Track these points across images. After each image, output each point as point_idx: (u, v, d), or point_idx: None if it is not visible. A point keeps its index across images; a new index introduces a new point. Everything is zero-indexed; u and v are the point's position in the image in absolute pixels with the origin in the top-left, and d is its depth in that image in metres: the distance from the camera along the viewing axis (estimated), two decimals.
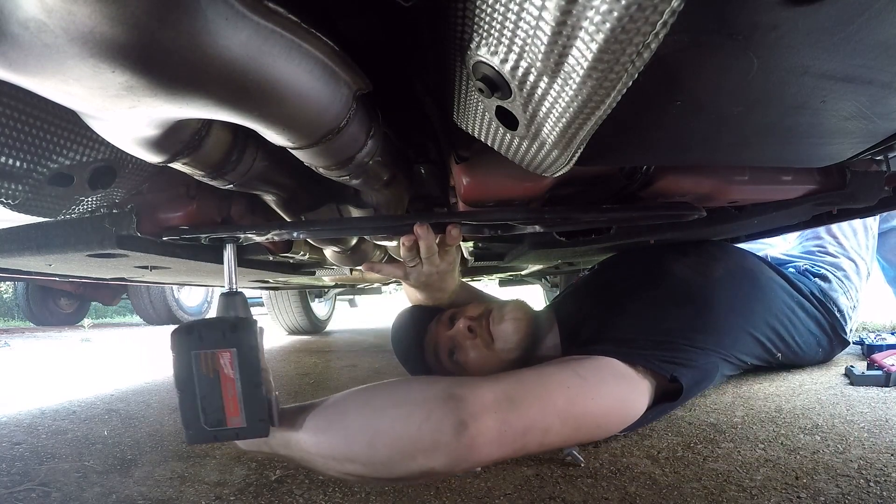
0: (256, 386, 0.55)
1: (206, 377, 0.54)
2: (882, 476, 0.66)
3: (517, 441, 0.61)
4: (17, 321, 6.18)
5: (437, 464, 0.57)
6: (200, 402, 0.54)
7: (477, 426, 0.58)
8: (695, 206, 0.68)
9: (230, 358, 0.54)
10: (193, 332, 0.55)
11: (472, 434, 0.57)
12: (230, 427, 0.55)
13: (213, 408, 0.54)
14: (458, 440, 0.57)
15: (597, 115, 0.32)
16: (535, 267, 1.91)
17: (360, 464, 0.58)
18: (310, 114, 0.40)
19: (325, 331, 3.47)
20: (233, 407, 0.54)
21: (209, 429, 0.55)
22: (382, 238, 0.92)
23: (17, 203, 0.44)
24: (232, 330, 0.55)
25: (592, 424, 0.71)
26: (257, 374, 0.55)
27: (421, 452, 0.57)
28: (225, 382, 0.54)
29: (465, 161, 0.61)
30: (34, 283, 4.52)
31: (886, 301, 1.94)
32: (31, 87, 0.28)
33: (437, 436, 0.57)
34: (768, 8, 0.29)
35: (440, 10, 0.33)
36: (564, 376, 0.71)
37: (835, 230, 1.44)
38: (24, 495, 0.70)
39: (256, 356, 0.55)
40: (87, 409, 1.23)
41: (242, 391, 0.54)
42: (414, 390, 0.63)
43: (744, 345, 1.00)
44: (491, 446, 0.59)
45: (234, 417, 0.55)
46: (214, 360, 0.54)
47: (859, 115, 0.43)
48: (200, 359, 0.54)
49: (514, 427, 0.61)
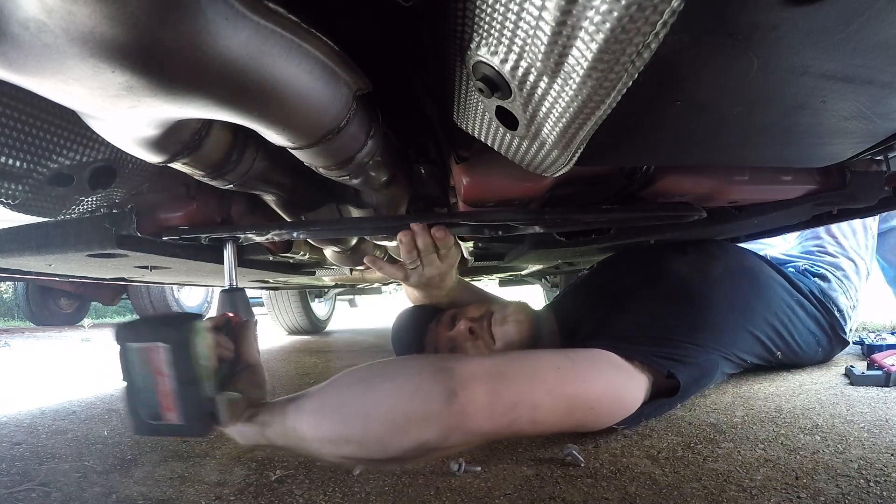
0: (191, 383, 0.54)
1: (141, 370, 0.54)
2: (882, 476, 0.66)
3: (507, 414, 0.62)
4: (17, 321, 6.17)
5: (430, 435, 0.58)
6: (137, 394, 0.54)
7: (466, 394, 0.59)
8: (695, 207, 0.68)
9: (161, 352, 0.54)
10: (130, 326, 0.55)
11: (463, 402, 0.59)
12: (167, 423, 0.55)
13: (149, 402, 0.54)
14: (448, 408, 0.58)
15: (597, 115, 0.32)
16: (535, 267, 1.91)
17: (355, 443, 0.58)
18: (310, 114, 0.40)
19: (325, 331, 3.47)
20: (167, 402, 0.54)
21: (149, 421, 0.55)
22: (382, 238, 0.92)
23: (17, 203, 0.44)
24: (165, 325, 0.55)
25: (585, 406, 0.71)
26: (192, 371, 0.54)
27: (413, 424, 0.58)
28: (158, 377, 0.54)
29: (465, 161, 0.61)
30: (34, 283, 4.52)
31: (886, 301, 1.94)
32: (31, 86, 0.28)
33: (428, 405, 0.58)
34: (768, 8, 0.29)
35: (440, 10, 0.34)
36: (555, 358, 0.72)
37: (834, 230, 1.44)
38: (24, 495, 0.70)
39: (190, 353, 0.54)
40: (87, 409, 1.23)
41: (177, 387, 0.54)
42: (405, 366, 0.65)
43: (744, 343, 1.01)
44: (482, 416, 0.60)
45: (170, 412, 0.54)
46: (147, 353, 0.54)
47: (859, 115, 0.43)
48: (134, 352, 0.54)
49: (504, 399, 0.62)
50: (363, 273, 1.54)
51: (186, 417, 0.54)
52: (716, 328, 0.92)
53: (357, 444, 0.58)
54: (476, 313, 0.94)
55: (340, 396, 0.61)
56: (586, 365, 0.73)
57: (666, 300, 0.92)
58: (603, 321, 0.90)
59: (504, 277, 2.67)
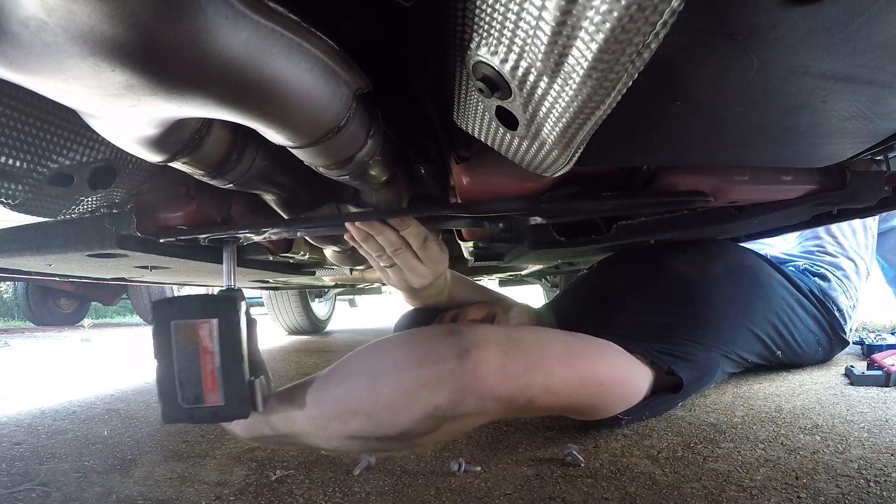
0: (237, 362, 0.53)
1: (185, 349, 0.52)
2: (882, 476, 0.66)
3: (521, 377, 0.60)
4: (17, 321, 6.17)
5: (442, 398, 0.55)
6: (178, 375, 0.52)
7: (479, 352, 0.57)
8: (702, 192, 0.67)
9: (210, 329, 0.53)
10: (175, 302, 0.54)
11: (475, 360, 0.57)
12: (207, 405, 0.53)
13: (191, 382, 0.52)
14: (461, 366, 0.56)
15: (597, 115, 0.32)
16: (535, 267, 1.91)
17: (362, 415, 0.56)
18: (310, 113, 0.40)
19: (325, 331, 3.47)
20: (211, 382, 0.52)
21: (186, 406, 0.53)
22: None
23: (17, 203, 0.44)
24: (213, 302, 0.54)
25: (595, 381, 0.70)
26: (238, 348, 0.53)
27: (424, 388, 0.55)
28: (204, 355, 0.52)
29: (465, 161, 0.61)
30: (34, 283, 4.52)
31: (886, 301, 1.94)
32: (31, 85, 0.28)
33: (439, 366, 0.56)
34: (768, 8, 0.29)
35: (440, 10, 0.34)
36: (563, 335, 0.71)
37: (834, 230, 1.44)
38: (24, 495, 0.70)
39: (238, 330, 0.53)
40: (87, 409, 1.23)
41: (222, 366, 0.52)
42: (414, 334, 0.63)
43: (744, 341, 1.01)
44: (495, 377, 0.58)
45: (213, 394, 0.53)
46: (194, 330, 0.53)
47: (859, 115, 0.43)
48: (180, 329, 0.53)
49: (517, 361, 0.60)
50: (363, 273, 1.53)
51: (230, 398, 0.53)
52: (716, 326, 0.92)
53: (365, 415, 0.56)
54: (478, 315, 0.93)
55: (347, 369, 0.59)
56: (593, 344, 0.73)
57: (666, 299, 0.92)
58: (603, 319, 0.90)
59: (504, 277, 2.67)
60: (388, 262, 0.79)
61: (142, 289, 4.47)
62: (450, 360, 0.56)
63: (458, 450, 0.83)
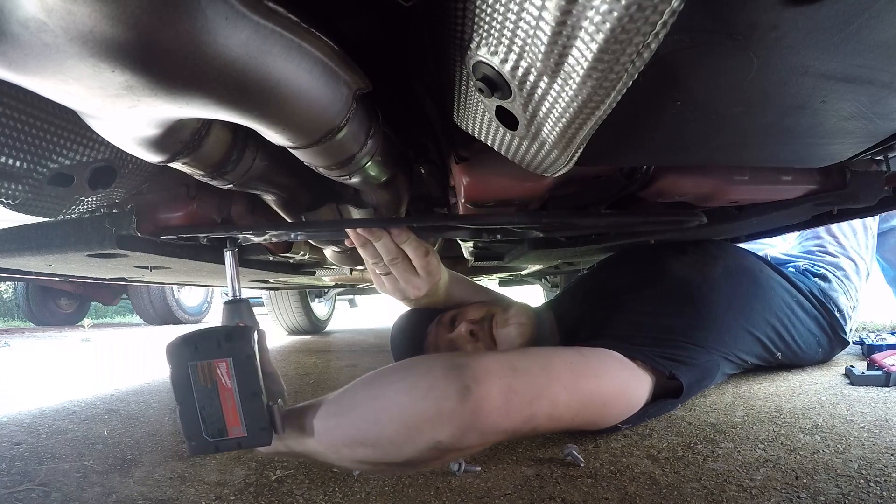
0: (255, 395, 0.55)
1: (205, 388, 0.54)
2: (882, 476, 0.66)
3: (524, 410, 0.60)
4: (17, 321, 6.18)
5: (444, 435, 0.55)
6: (200, 413, 0.54)
7: (480, 390, 0.56)
8: (695, 213, 0.68)
9: (226, 368, 0.54)
10: (189, 343, 0.55)
11: (477, 398, 0.56)
12: (231, 437, 0.55)
13: (214, 418, 0.54)
14: (462, 405, 0.55)
15: (597, 115, 0.32)
16: (535, 267, 1.91)
17: (369, 446, 0.57)
18: (310, 113, 0.40)
19: (325, 331, 3.47)
20: (233, 417, 0.54)
21: (211, 439, 0.55)
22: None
23: (17, 203, 0.44)
24: (227, 339, 0.55)
25: (598, 403, 0.70)
26: (256, 382, 0.55)
27: (426, 423, 0.56)
28: (223, 393, 0.54)
29: (465, 161, 0.61)
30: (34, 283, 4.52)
31: (886, 301, 1.94)
32: (31, 86, 0.28)
33: (441, 403, 0.56)
34: (768, 8, 0.29)
35: (440, 10, 0.34)
36: (568, 355, 0.71)
37: (835, 230, 1.44)
38: (24, 495, 0.70)
39: (254, 364, 0.55)
40: (87, 409, 1.23)
41: (241, 401, 0.54)
42: (417, 365, 0.63)
43: (744, 343, 1.00)
44: (498, 413, 0.57)
45: (235, 427, 0.55)
46: (211, 370, 0.54)
47: (859, 115, 0.43)
48: (197, 370, 0.54)
49: (521, 394, 0.60)
50: (363, 273, 1.53)
51: (252, 429, 0.55)
52: (716, 328, 0.92)
53: (371, 446, 0.57)
54: (476, 315, 0.93)
55: (353, 399, 0.60)
56: (597, 362, 0.73)
57: (667, 301, 0.92)
58: (604, 321, 0.90)
59: (504, 277, 2.67)
60: (384, 270, 0.79)
61: (142, 289, 4.47)
62: (451, 398, 0.56)
63: None
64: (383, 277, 0.81)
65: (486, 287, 1.09)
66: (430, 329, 0.96)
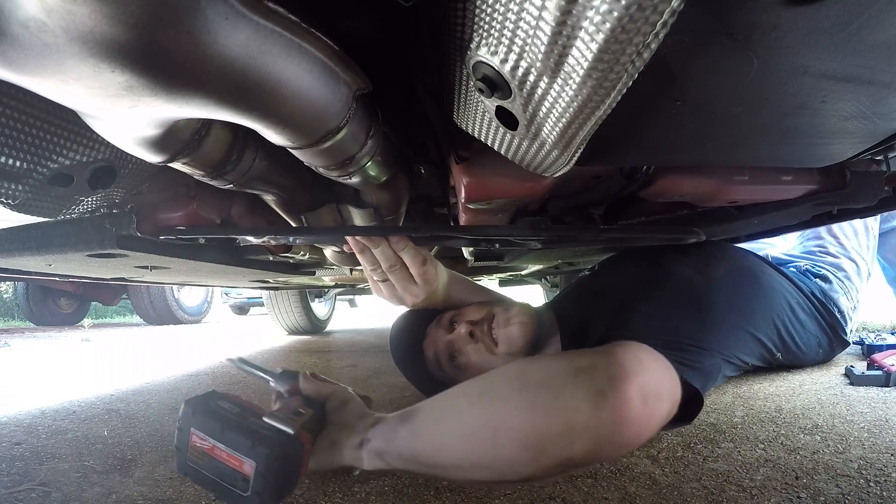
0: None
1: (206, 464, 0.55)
2: (882, 476, 0.66)
3: (658, 411, 0.52)
4: (17, 321, 6.18)
5: (575, 451, 0.49)
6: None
7: (617, 394, 0.49)
8: (693, 230, 0.68)
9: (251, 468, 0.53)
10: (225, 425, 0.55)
11: (614, 405, 0.48)
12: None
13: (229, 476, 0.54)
14: (596, 415, 0.48)
15: (597, 115, 0.32)
16: (535, 267, 1.91)
17: (484, 468, 0.52)
18: (309, 113, 0.40)
19: (325, 331, 3.47)
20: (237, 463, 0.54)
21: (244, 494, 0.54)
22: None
23: (17, 203, 0.44)
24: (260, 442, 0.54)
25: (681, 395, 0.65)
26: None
27: (553, 441, 0.49)
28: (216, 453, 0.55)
29: (465, 161, 0.61)
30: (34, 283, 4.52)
31: (886, 301, 1.94)
32: (31, 86, 0.28)
33: (569, 416, 0.49)
34: (768, 8, 0.29)
35: (440, 10, 0.34)
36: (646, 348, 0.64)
37: (836, 230, 1.44)
38: (24, 495, 0.70)
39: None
40: (87, 409, 1.23)
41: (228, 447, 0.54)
42: (530, 371, 0.55)
43: (745, 345, 1.00)
44: (639, 420, 0.49)
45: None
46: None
47: (859, 115, 0.43)
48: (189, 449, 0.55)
49: (653, 394, 0.52)
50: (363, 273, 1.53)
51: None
52: (719, 331, 0.92)
53: (487, 468, 0.52)
54: (476, 315, 0.93)
55: (458, 414, 0.54)
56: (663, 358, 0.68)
57: (672, 303, 0.92)
58: (614, 322, 0.89)
59: (504, 277, 2.67)
60: (382, 277, 0.79)
61: (142, 289, 4.47)
62: (583, 409, 0.48)
63: None
64: (381, 284, 0.81)
65: (486, 287, 1.09)
66: (429, 330, 0.96)
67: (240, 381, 1.57)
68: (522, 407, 0.51)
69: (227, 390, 0.62)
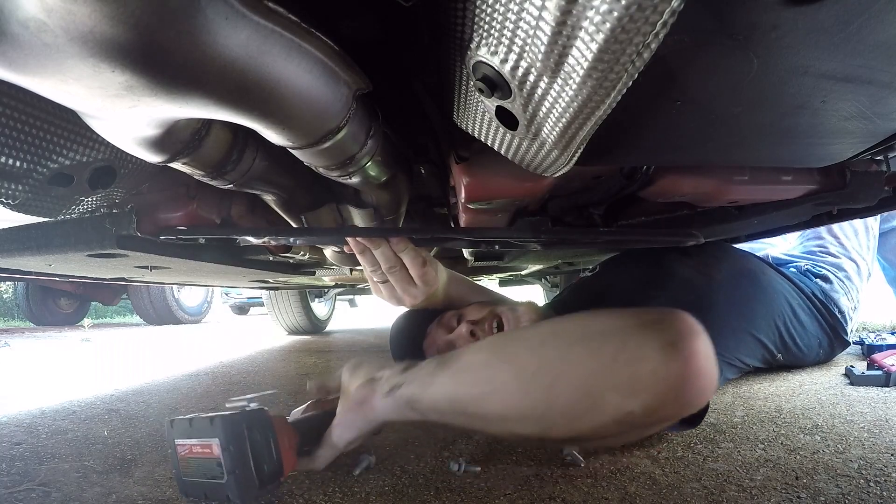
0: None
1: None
2: (882, 476, 0.66)
3: (715, 372, 0.49)
4: (17, 321, 6.17)
5: (637, 405, 0.46)
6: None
7: (690, 346, 0.46)
8: (692, 234, 0.68)
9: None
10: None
11: (686, 355, 0.45)
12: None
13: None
14: (666, 366, 0.45)
15: (597, 115, 0.32)
16: (535, 267, 1.91)
17: (535, 420, 0.49)
18: (309, 113, 0.40)
19: (325, 331, 3.47)
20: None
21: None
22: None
23: (17, 203, 0.44)
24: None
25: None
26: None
27: (615, 391, 0.46)
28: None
29: (465, 161, 0.61)
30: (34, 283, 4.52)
31: (886, 301, 1.94)
32: (31, 86, 0.28)
33: (636, 365, 0.46)
34: (768, 8, 0.29)
35: (440, 10, 0.34)
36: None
37: (836, 230, 1.44)
38: (24, 495, 0.70)
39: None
40: (87, 409, 1.23)
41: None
42: (597, 323, 0.53)
43: (746, 347, 1.00)
44: (707, 376, 0.47)
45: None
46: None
47: (859, 115, 0.43)
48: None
49: (712, 354, 0.49)
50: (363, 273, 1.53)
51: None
52: (721, 333, 0.92)
53: (536, 421, 0.49)
54: (477, 315, 0.92)
55: (515, 363, 0.50)
56: None
57: (673, 303, 0.92)
58: None
59: (504, 277, 2.68)
60: (382, 278, 0.79)
61: (142, 289, 4.47)
62: (652, 358, 0.46)
63: (458, 450, 0.83)
64: (380, 285, 0.81)
65: (486, 287, 1.09)
66: (429, 329, 0.96)
67: (240, 381, 1.57)
68: (586, 355, 0.48)
69: (227, 390, 0.62)
